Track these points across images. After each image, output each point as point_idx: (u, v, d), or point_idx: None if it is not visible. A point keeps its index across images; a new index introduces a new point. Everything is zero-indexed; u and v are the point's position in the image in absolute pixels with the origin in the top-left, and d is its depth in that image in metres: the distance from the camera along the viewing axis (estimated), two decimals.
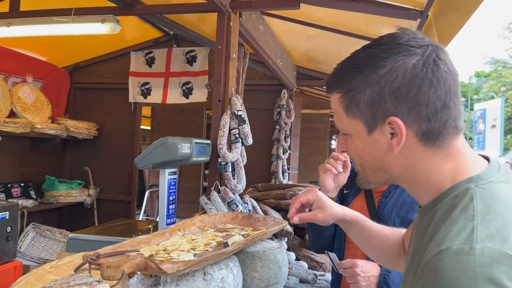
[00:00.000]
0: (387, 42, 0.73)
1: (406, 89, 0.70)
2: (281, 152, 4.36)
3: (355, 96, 0.74)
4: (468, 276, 0.56)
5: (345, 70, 0.76)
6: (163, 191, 1.91)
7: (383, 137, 0.74)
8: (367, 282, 1.46)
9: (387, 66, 0.71)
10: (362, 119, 0.75)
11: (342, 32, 2.98)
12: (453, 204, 0.68)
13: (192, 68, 4.71)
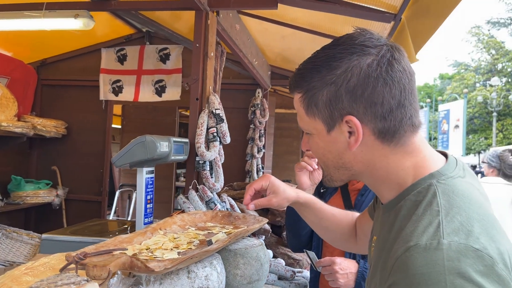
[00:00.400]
0: (344, 43, 0.75)
1: (361, 88, 0.72)
2: (256, 151, 4.39)
3: (314, 96, 0.76)
4: (437, 271, 0.58)
5: (305, 71, 0.78)
6: (140, 190, 1.88)
7: (342, 135, 0.76)
8: (345, 279, 1.49)
9: (342, 66, 0.73)
10: (321, 119, 0.77)
11: (317, 32, 3.02)
12: (416, 200, 0.70)
13: (165, 66, 4.65)
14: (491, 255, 0.59)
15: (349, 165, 0.79)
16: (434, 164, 0.75)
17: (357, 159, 0.77)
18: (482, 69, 29.61)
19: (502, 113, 25.41)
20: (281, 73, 4.55)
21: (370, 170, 0.78)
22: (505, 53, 27.98)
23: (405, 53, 0.76)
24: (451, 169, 0.74)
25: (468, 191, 0.70)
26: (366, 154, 0.76)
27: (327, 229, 1.15)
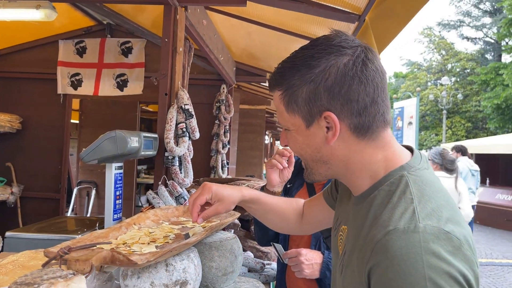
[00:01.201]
0: (322, 43, 0.79)
1: (338, 86, 0.76)
2: (221, 146, 4.40)
3: (294, 94, 0.80)
4: (415, 251, 0.65)
5: (285, 70, 0.82)
6: (109, 186, 1.86)
7: (320, 130, 0.80)
8: (311, 269, 1.56)
9: (321, 65, 0.77)
10: (301, 115, 0.81)
11: (283, 30, 3.08)
12: (390, 190, 0.77)
13: (127, 60, 4.56)
14: (458, 237, 0.67)
15: (326, 159, 0.83)
16: (402, 158, 0.82)
17: (334, 153, 0.82)
18: (433, 69, 31.09)
19: (451, 111, 26.84)
20: (246, 69, 4.59)
21: (346, 164, 0.83)
22: (454, 54, 29.51)
23: (377, 53, 0.82)
24: (417, 162, 0.81)
25: (434, 181, 0.78)
26: (342, 148, 0.81)
27: (273, 220, 1.21)
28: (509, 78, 19.06)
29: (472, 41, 30.81)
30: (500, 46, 26.57)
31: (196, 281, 1.22)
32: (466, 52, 29.69)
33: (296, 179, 1.75)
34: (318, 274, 1.57)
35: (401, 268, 0.65)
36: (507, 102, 19.52)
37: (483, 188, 10.90)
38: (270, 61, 4.23)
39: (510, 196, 10.28)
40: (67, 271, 0.78)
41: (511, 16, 20.61)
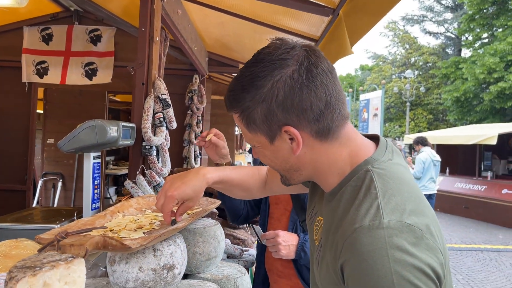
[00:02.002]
0: (263, 60, 0.80)
1: (289, 100, 0.77)
2: (193, 137, 4.40)
3: (250, 115, 0.81)
4: (380, 247, 0.68)
5: (235, 92, 0.83)
6: (88, 175, 1.85)
7: (284, 143, 0.82)
8: (287, 250, 1.65)
9: (267, 84, 0.78)
10: (262, 133, 0.83)
11: (257, 21, 3.11)
12: (356, 185, 0.80)
13: (96, 48, 4.45)
14: (420, 227, 0.71)
15: (296, 167, 0.86)
16: (366, 151, 0.85)
17: (302, 160, 0.84)
18: (398, 62, 32.01)
19: (414, 103, 27.79)
20: (218, 59, 4.59)
21: (315, 167, 0.86)
22: (418, 48, 30.48)
23: (321, 52, 0.83)
24: (382, 153, 0.84)
25: (398, 173, 0.81)
26: (309, 154, 0.83)
27: (237, 194, 1.29)
28: (468, 72, 19.94)
29: (434, 35, 31.89)
30: (460, 41, 27.67)
31: (183, 266, 1.26)
32: (428, 46, 30.73)
33: None
34: (294, 255, 1.66)
35: (368, 264, 0.68)
36: (465, 95, 20.42)
37: (443, 177, 11.43)
38: (243, 52, 4.26)
39: (467, 184, 10.84)
40: (65, 255, 0.80)
41: (471, 12, 21.49)
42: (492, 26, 20.97)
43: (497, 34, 19.90)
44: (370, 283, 0.68)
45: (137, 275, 1.17)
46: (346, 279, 0.73)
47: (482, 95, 19.63)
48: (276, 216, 1.79)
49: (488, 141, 9.86)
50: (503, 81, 18.18)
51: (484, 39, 22.21)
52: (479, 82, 19.59)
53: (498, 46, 18.48)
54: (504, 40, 18.53)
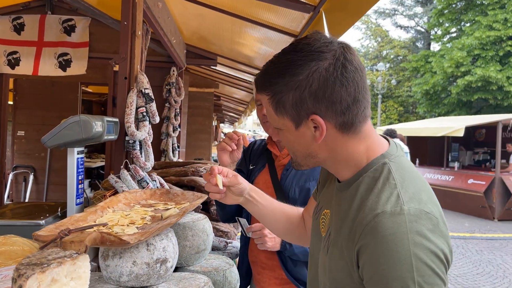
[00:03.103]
0: (302, 49, 0.85)
1: (322, 91, 0.83)
2: (171, 130, 4.39)
3: (281, 100, 0.87)
4: (402, 231, 0.74)
5: (269, 76, 0.88)
6: (72, 170, 1.84)
7: (308, 130, 0.87)
8: (273, 242, 1.70)
9: (304, 72, 0.83)
10: (289, 117, 0.88)
11: (237, 15, 3.12)
12: (374, 176, 0.85)
13: (70, 39, 4.35)
14: (436, 216, 0.78)
15: (315, 154, 0.91)
16: (381, 147, 0.91)
17: (322, 148, 0.90)
18: (370, 55, 32.56)
19: (385, 96, 28.42)
20: (196, 52, 4.57)
21: (332, 157, 0.91)
22: (389, 41, 31.08)
23: (355, 51, 0.89)
24: (394, 150, 0.91)
25: (410, 167, 0.88)
26: (329, 144, 0.89)
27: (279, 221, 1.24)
28: (437, 65, 20.54)
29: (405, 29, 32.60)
30: (429, 35, 28.40)
31: (174, 259, 1.30)
32: (399, 40, 31.39)
33: (258, 161, 1.86)
34: (279, 247, 1.71)
35: (390, 246, 0.74)
36: (434, 88, 21.05)
37: None
38: (222, 45, 4.26)
39: (436, 174, 11.25)
40: (68, 251, 0.82)
41: (440, 6, 22.07)
42: (460, 21, 21.63)
43: (465, 29, 20.55)
44: (390, 262, 0.74)
45: (131, 269, 1.20)
46: (362, 262, 0.78)
47: (450, 88, 20.29)
48: None
49: (456, 133, 10.24)
50: (469, 74, 18.84)
51: (453, 33, 22.89)
52: (447, 75, 20.23)
53: (465, 41, 19.10)
54: (472, 35, 19.17)
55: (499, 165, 9.67)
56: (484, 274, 5.81)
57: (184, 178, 2.78)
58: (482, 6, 20.17)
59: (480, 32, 18.81)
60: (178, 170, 2.93)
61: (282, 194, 1.78)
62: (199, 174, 2.82)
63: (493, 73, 17.97)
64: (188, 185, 2.77)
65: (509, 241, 7.69)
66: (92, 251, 1.50)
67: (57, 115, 4.96)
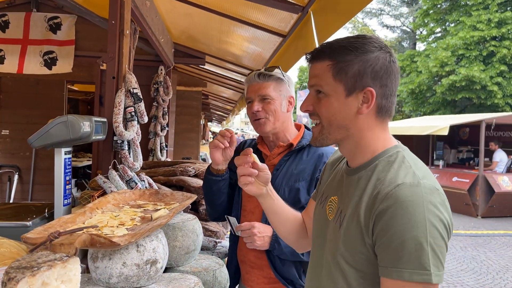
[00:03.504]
0: (371, 38, 1.03)
1: (381, 72, 1.00)
2: (159, 129, 4.36)
3: (346, 67, 0.99)
4: (419, 200, 0.88)
5: (338, 47, 1.01)
6: (59, 171, 1.82)
7: (356, 101, 1.00)
8: (262, 241, 1.70)
9: (374, 53, 0.99)
10: (345, 84, 1.00)
11: (225, 15, 3.12)
12: (389, 160, 1.00)
13: (56, 37, 4.30)
14: (443, 193, 0.94)
15: (349, 126, 1.03)
16: (394, 141, 1.08)
17: (356, 123, 1.02)
18: None
19: None
20: (184, 50, 4.55)
21: (359, 136, 1.03)
22: None
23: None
24: (402, 144, 1.08)
25: (417, 158, 1.04)
26: (364, 121, 1.02)
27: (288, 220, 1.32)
28: (422, 65, 20.80)
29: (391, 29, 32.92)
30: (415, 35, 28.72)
31: (164, 260, 1.30)
32: (386, 39, 31.67)
33: None
34: (268, 246, 1.72)
35: (409, 210, 0.87)
36: (420, 88, 21.31)
37: None
38: (210, 44, 4.25)
39: None
40: (59, 254, 0.82)
41: (425, 7, 22.34)
42: (445, 21, 21.93)
43: (449, 29, 20.84)
44: (408, 224, 0.87)
45: (120, 271, 1.19)
46: (380, 225, 0.90)
47: (435, 88, 20.57)
48: (249, 209, 1.82)
49: (441, 131, 10.40)
50: (454, 74, 19.13)
51: (438, 33, 23.19)
52: (432, 75, 20.50)
53: (450, 41, 19.38)
54: (456, 35, 19.46)
55: (483, 163, 9.85)
56: (468, 270, 5.92)
57: (172, 178, 2.77)
58: (466, 7, 20.49)
59: (464, 32, 19.11)
60: (167, 170, 2.92)
61: None
62: (187, 173, 2.81)
63: (476, 72, 18.28)
64: (177, 185, 2.76)
65: (492, 238, 7.85)
66: (81, 252, 1.49)
67: (42, 114, 4.89)
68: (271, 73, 1.72)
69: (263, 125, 1.73)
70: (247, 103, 1.78)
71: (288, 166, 1.76)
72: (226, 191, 1.81)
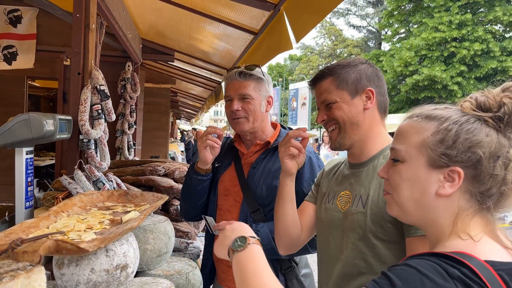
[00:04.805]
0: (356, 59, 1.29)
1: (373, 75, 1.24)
2: (127, 127, 4.24)
3: (345, 77, 1.22)
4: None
5: (336, 66, 1.26)
6: (20, 172, 1.72)
7: (361, 101, 1.22)
8: None
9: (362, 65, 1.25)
10: (348, 91, 1.22)
11: (196, 11, 3.06)
12: None
13: (16, 30, 4.09)
14: None
15: (360, 122, 1.21)
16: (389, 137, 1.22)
17: (365, 119, 1.21)
18: (324, 53, 33.29)
19: None
20: (152, 46, 4.44)
21: (369, 129, 1.22)
22: (343, 40, 31.90)
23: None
24: None
25: None
26: (371, 116, 1.22)
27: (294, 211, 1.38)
28: (387, 65, 21.36)
29: (357, 29, 33.60)
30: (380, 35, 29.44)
31: (135, 264, 1.25)
32: (352, 39, 32.30)
33: (224, 159, 1.83)
34: None
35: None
36: None
37: None
38: (179, 40, 4.16)
39: None
40: (21, 263, 0.76)
41: (390, 8, 22.94)
42: (408, 22, 22.60)
43: (413, 30, 21.50)
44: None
45: (88, 277, 1.13)
46: None
47: (400, 87, 21.18)
48: (226, 208, 1.79)
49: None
50: (417, 74, 19.76)
51: (402, 34, 23.87)
52: (397, 74, 21.10)
53: (413, 41, 19.99)
54: (419, 36, 20.09)
55: None
56: None
57: (141, 177, 2.69)
58: (429, 9, 21.19)
59: (427, 33, 19.77)
60: (135, 169, 2.84)
61: (249, 191, 1.75)
62: (157, 173, 2.74)
63: (438, 72, 18.96)
64: (146, 185, 2.69)
65: None
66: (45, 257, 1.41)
67: (1, 111, 4.65)
68: (252, 72, 1.70)
69: (241, 124, 1.70)
70: (226, 100, 1.75)
71: (265, 164, 1.75)
72: (207, 190, 1.79)
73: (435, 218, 0.83)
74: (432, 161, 0.81)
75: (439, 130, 0.81)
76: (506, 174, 0.78)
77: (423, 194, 0.83)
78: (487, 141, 0.78)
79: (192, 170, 1.75)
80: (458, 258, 0.70)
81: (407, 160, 0.86)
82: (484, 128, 0.79)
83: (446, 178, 0.80)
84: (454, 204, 0.80)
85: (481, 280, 0.66)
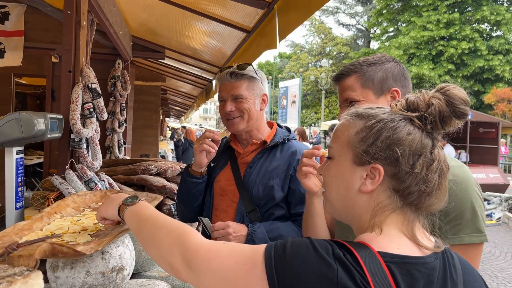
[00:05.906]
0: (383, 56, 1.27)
1: (399, 76, 1.22)
2: (117, 125, 4.19)
3: (371, 76, 1.21)
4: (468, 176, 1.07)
5: (362, 63, 1.23)
6: (10, 172, 1.68)
7: (386, 101, 1.19)
8: (237, 240, 1.64)
9: (389, 63, 1.23)
10: (373, 90, 1.20)
11: (188, 8, 3.03)
12: None
13: (4, 27, 4.00)
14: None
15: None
16: None
17: None
18: (314, 51, 33.37)
19: (329, 91, 29.28)
20: (143, 44, 4.40)
21: None
22: (332, 38, 32.02)
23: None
24: None
25: None
26: None
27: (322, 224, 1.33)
28: None
29: (346, 27, 33.75)
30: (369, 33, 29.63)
31: (131, 266, 1.23)
32: (341, 37, 32.44)
33: (220, 158, 1.81)
34: None
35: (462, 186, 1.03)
36: None
37: None
38: (170, 37, 4.12)
39: None
40: (18, 268, 0.74)
41: (379, 6, 23.09)
42: (397, 21, 22.79)
43: (401, 28, 21.68)
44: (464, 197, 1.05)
45: (84, 280, 1.11)
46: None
47: None
48: (222, 208, 1.77)
49: None
50: None
51: (390, 32, 24.05)
52: None
53: (402, 40, 20.18)
54: (407, 35, 20.27)
55: None
56: None
57: (133, 177, 2.66)
58: (417, 8, 21.39)
59: (415, 32, 19.97)
60: (127, 169, 2.81)
61: (245, 191, 1.73)
62: (149, 172, 2.71)
63: (426, 71, 19.18)
64: (138, 184, 2.66)
65: None
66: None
67: None
68: (243, 71, 1.68)
69: (236, 124, 1.69)
70: (219, 102, 1.74)
71: (262, 163, 1.73)
72: (203, 192, 1.77)
73: (358, 215, 0.84)
74: (356, 158, 0.82)
75: (363, 128, 0.82)
76: (428, 174, 0.79)
77: (347, 190, 0.84)
78: (408, 140, 0.78)
79: (187, 172, 1.73)
80: (347, 245, 0.72)
81: (335, 157, 0.87)
82: (408, 127, 0.79)
83: (368, 175, 0.81)
84: (375, 201, 0.81)
85: (361, 267, 0.69)
